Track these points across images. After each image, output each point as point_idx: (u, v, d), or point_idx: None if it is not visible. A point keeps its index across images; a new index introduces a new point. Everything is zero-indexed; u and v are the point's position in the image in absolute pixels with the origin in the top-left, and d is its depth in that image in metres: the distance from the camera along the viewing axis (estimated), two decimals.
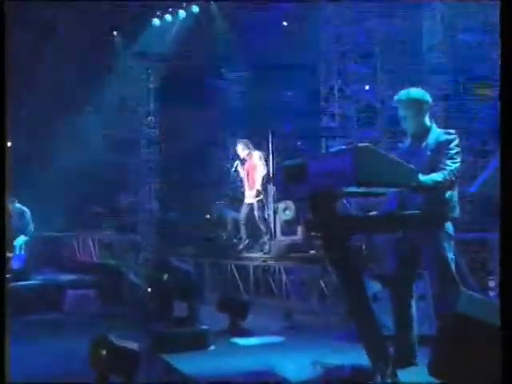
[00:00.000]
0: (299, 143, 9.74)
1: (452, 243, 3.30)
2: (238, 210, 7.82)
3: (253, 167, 7.33)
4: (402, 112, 3.39)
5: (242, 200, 7.80)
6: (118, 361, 3.41)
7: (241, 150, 7.40)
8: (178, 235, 8.81)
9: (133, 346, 3.52)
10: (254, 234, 7.46)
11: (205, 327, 4.20)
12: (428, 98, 3.40)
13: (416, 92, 3.38)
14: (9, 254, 8.33)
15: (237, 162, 7.44)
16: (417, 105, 3.34)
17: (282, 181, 3.14)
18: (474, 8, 6.56)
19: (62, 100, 10.51)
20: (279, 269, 6.54)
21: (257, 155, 7.34)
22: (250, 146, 7.41)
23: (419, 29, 7.04)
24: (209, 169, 10.80)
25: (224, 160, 10.41)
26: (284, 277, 6.45)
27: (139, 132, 11.16)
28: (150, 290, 4.55)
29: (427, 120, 3.40)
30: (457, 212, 3.34)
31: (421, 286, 3.68)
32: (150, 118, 11.16)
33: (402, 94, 3.38)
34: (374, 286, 4.10)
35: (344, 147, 3.14)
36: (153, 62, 11.07)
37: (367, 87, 7.76)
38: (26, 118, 10.40)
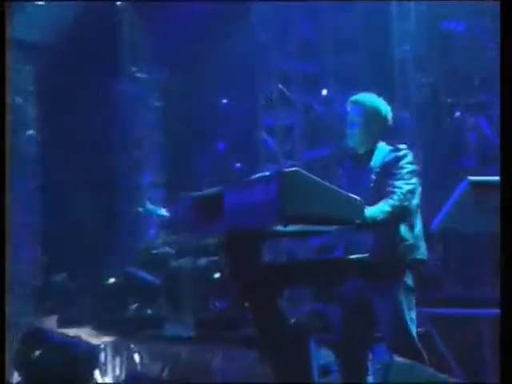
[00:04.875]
0: (238, 165, 10.04)
1: (413, 298, 3.51)
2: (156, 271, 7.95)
3: None
4: (350, 118, 3.66)
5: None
6: None
7: None
8: (67, 302, 8.81)
9: None
10: None
11: None
12: (384, 109, 3.66)
13: (370, 98, 3.66)
14: None
15: None
16: (374, 115, 3.61)
17: (192, 217, 3.36)
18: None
19: None
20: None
21: None
22: None
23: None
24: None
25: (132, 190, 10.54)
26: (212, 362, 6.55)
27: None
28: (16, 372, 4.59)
29: (377, 136, 3.66)
30: (422, 252, 3.53)
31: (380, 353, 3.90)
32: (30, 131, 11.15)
33: (358, 96, 3.67)
34: (325, 356, 4.28)
35: (268, 173, 3.28)
36: (36, 55, 11.15)
37: (324, 92, 8.20)
38: None
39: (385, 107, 3.69)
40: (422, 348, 3.48)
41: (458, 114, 7.97)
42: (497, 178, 3.60)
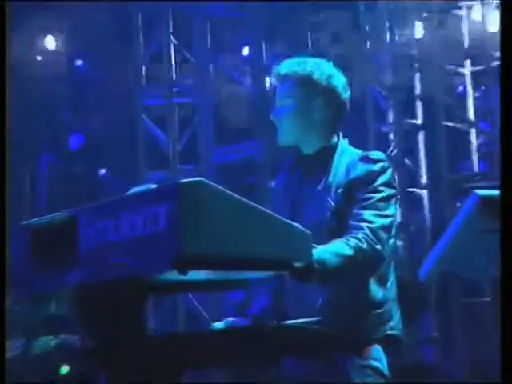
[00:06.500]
0: (103, 171, 10.03)
1: None
2: None
3: None
4: (278, 100, 3.79)
5: None
6: None
7: None
8: None
9: None
10: None
11: None
12: (336, 79, 3.76)
13: (312, 64, 3.76)
14: None
15: None
16: (309, 89, 3.72)
17: (23, 261, 3.33)
18: None
19: None
20: None
21: None
22: None
23: None
24: None
25: None
26: None
27: None
28: None
29: (328, 127, 3.80)
30: (395, 324, 3.72)
31: None
32: None
33: (284, 65, 3.77)
34: None
35: (154, 186, 3.30)
36: None
37: (246, 50, 8.22)
38: None
39: (336, 76, 3.80)
40: None
41: (460, 88, 8.17)
42: None
